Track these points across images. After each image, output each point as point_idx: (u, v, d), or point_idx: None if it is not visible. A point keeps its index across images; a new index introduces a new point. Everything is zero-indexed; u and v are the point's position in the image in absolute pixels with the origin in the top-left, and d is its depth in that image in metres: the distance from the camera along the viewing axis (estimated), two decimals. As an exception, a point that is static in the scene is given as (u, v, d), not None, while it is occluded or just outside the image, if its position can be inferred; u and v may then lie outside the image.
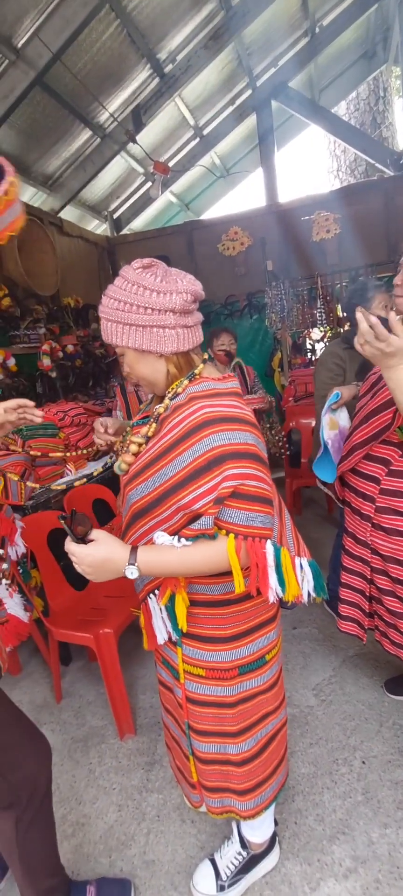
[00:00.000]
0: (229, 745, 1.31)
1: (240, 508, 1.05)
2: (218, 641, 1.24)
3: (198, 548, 1.07)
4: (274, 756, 1.39)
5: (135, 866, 1.66)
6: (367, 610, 1.90)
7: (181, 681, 1.30)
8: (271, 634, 1.31)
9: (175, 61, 4.48)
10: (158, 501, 1.11)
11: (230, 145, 6.50)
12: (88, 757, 2.14)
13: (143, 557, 1.07)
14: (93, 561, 1.07)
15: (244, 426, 1.09)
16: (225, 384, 1.16)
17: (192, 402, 1.10)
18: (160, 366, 1.15)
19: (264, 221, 5.33)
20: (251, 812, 1.36)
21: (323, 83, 6.50)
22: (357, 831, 1.66)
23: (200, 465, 1.05)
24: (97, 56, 3.82)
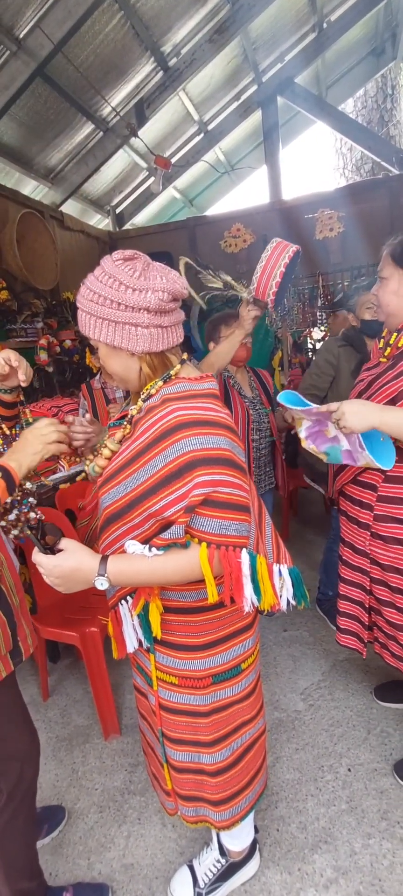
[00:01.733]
0: (203, 754, 1.28)
1: (213, 516, 1.02)
2: (192, 649, 1.21)
3: (169, 557, 1.03)
4: (251, 766, 1.36)
5: (113, 869, 1.64)
6: (367, 622, 1.83)
7: (154, 688, 1.27)
8: (247, 642, 1.28)
9: (179, 55, 4.43)
10: (130, 507, 1.08)
11: (234, 141, 6.44)
12: (72, 756, 2.12)
13: (114, 567, 1.04)
14: (62, 572, 1.04)
15: (218, 430, 1.05)
16: (202, 385, 1.12)
17: (166, 403, 1.07)
18: (132, 364, 1.12)
19: (267, 219, 5.28)
20: (226, 823, 1.33)
21: (330, 80, 6.42)
22: (339, 841, 1.64)
23: (171, 471, 1.02)
24: (100, 48, 3.78)
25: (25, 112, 3.76)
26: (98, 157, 4.60)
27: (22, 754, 1.35)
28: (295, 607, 1.19)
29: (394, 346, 1.60)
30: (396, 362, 1.58)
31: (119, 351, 1.10)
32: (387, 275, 1.60)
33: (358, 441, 1.45)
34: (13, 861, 1.35)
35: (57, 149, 4.37)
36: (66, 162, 4.58)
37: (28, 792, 1.38)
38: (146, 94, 4.47)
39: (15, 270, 3.55)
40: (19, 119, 3.77)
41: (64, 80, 3.77)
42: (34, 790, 1.43)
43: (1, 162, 3.96)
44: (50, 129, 4.11)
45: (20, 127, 3.87)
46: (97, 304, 1.05)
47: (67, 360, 3.91)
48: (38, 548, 1.05)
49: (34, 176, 4.39)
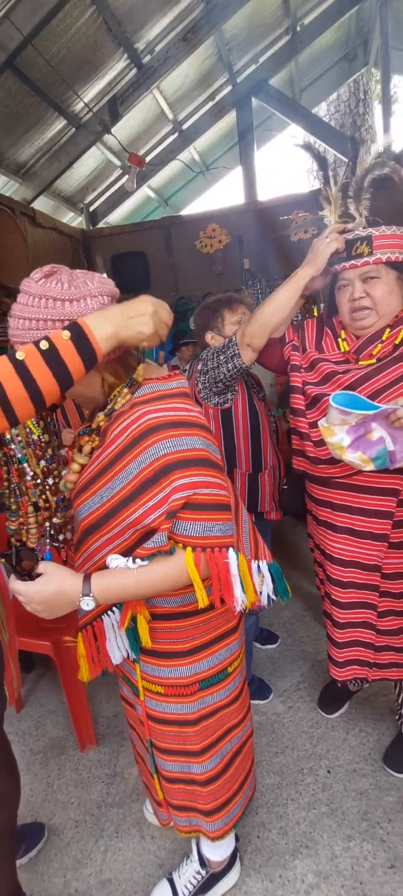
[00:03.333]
0: (193, 764, 1.25)
1: (196, 519, 0.99)
2: (177, 656, 1.18)
3: (155, 566, 1.00)
4: (240, 771, 1.34)
5: (90, 886, 1.59)
6: (375, 642, 1.64)
7: (141, 698, 1.24)
8: (233, 645, 1.25)
9: (153, 52, 4.39)
10: (108, 517, 1.04)
11: (209, 141, 6.44)
12: (47, 770, 2.06)
13: (98, 585, 0.99)
14: (43, 598, 0.98)
15: (191, 430, 1.02)
16: (171, 384, 1.09)
17: (135, 408, 1.03)
18: (93, 379, 1.05)
19: (242, 219, 5.30)
20: (219, 832, 1.31)
21: (303, 83, 6.49)
22: (320, 845, 1.63)
23: (147, 477, 0.98)
24: (71, 42, 3.71)
25: (-6, 105, 3.66)
26: (70, 154, 4.51)
27: (3, 796, 1.29)
28: (276, 604, 1.17)
29: (388, 343, 1.50)
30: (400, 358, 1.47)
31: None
32: (377, 274, 1.47)
33: None
34: None
35: (28, 143, 4.27)
36: (38, 157, 4.48)
37: (7, 828, 1.33)
38: (119, 91, 4.41)
39: (-16, 268, 3.44)
40: (-12, 112, 3.67)
41: (35, 74, 3.69)
42: (14, 825, 1.38)
43: (-31, 156, 3.84)
44: (20, 124, 4.01)
45: (-11, 121, 3.76)
46: (35, 331, 0.95)
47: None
48: (15, 575, 0.98)
49: (4, 171, 4.28)
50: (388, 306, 1.48)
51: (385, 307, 1.47)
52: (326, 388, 1.55)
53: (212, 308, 2.08)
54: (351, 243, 1.46)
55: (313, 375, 1.61)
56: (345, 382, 1.52)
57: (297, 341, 1.67)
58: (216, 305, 2.07)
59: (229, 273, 5.26)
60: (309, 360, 1.63)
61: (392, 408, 1.31)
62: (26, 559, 0.99)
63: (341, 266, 1.49)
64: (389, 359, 1.48)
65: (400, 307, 1.52)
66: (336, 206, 1.54)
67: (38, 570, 0.99)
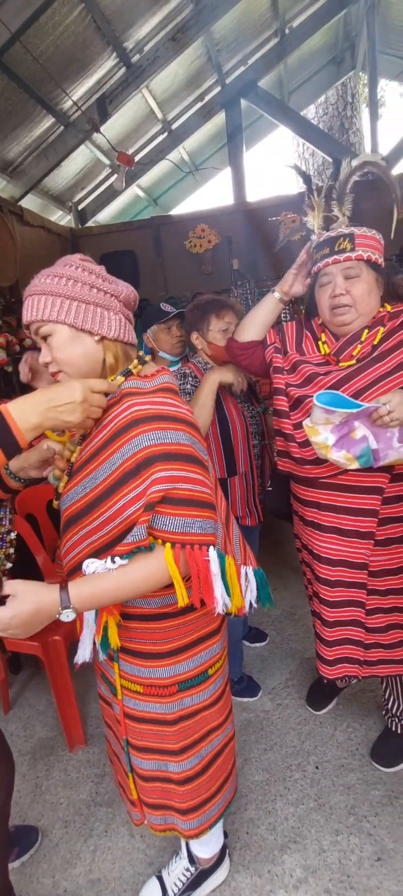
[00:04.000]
0: (170, 763, 1.25)
1: (174, 514, 0.98)
2: (156, 657, 1.18)
3: (135, 566, 0.99)
4: (220, 773, 1.33)
5: (79, 886, 1.59)
6: (364, 639, 1.66)
7: (118, 696, 1.23)
8: (214, 647, 1.25)
9: (142, 51, 4.37)
10: (90, 508, 1.04)
11: (199, 142, 6.44)
12: (35, 771, 2.05)
13: (77, 594, 0.96)
14: (22, 621, 0.93)
15: (177, 425, 1.03)
16: (154, 381, 1.09)
17: (123, 399, 1.04)
18: (97, 352, 1.08)
19: (231, 220, 5.31)
20: (194, 831, 1.30)
21: (292, 85, 6.52)
22: (308, 839, 1.64)
23: (129, 468, 0.98)
24: (60, 40, 3.68)
25: (-19, 102, 3.62)
26: (59, 152, 4.47)
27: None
28: (250, 611, 1.17)
29: (367, 343, 1.53)
30: (383, 356, 1.50)
31: (83, 337, 1.06)
32: (358, 272, 1.50)
33: (398, 434, 1.36)
34: None
35: (15, 141, 4.22)
36: (26, 155, 4.43)
37: (1, 814, 1.32)
38: (108, 89, 4.39)
39: (-29, 266, 3.41)
40: (-25, 109, 3.63)
41: (23, 71, 3.65)
42: (7, 812, 1.38)
43: None
44: (8, 121, 3.97)
45: (-24, 118, 3.72)
46: (64, 286, 1.02)
47: (28, 360, 3.79)
48: None
49: (-9, 169, 4.24)
50: (367, 305, 1.52)
51: (364, 306, 1.51)
52: (308, 389, 1.58)
53: (202, 310, 2.07)
54: (334, 240, 1.50)
55: (295, 377, 1.63)
56: (327, 384, 1.54)
57: (279, 343, 1.71)
58: (205, 307, 2.06)
59: (218, 273, 5.27)
60: (290, 363, 1.65)
61: (373, 406, 1.34)
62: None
63: (324, 262, 1.52)
64: (368, 359, 1.52)
65: (378, 308, 1.57)
66: (319, 212, 1.61)
67: (4, 592, 0.94)
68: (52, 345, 1.06)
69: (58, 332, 1.05)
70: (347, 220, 1.55)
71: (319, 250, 1.54)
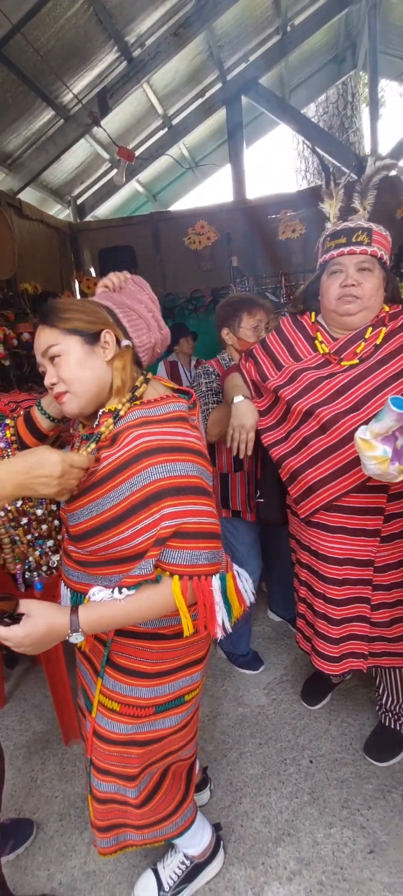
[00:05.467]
0: (128, 788, 1.25)
1: (183, 548, 1.00)
2: (142, 676, 1.18)
3: (142, 595, 1.01)
4: (175, 789, 1.35)
5: (74, 878, 1.60)
6: (370, 634, 1.67)
7: (92, 715, 1.23)
8: (196, 675, 1.26)
9: (143, 46, 4.37)
10: (96, 532, 1.04)
11: (199, 138, 6.43)
12: (31, 764, 2.05)
13: (86, 619, 1.00)
14: (34, 640, 0.97)
15: (186, 455, 1.03)
16: (163, 408, 1.07)
17: (130, 429, 1.03)
18: (106, 375, 1.09)
19: (231, 217, 5.30)
20: (148, 841, 1.33)
21: (293, 83, 6.52)
22: (302, 832, 1.66)
23: (138, 501, 0.99)
24: (61, 33, 3.66)
25: (-19, 94, 3.60)
26: (58, 145, 4.46)
27: None
28: (258, 598, 1.20)
29: (370, 342, 1.54)
30: (388, 359, 1.50)
31: (95, 358, 1.07)
32: (371, 267, 1.52)
33: None
34: None
35: (15, 133, 4.21)
36: (25, 148, 4.42)
37: None
38: (109, 83, 4.38)
39: (-31, 258, 3.40)
40: (-25, 101, 3.61)
41: (23, 63, 3.63)
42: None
43: None
44: (7, 113, 3.95)
45: (-24, 109, 3.70)
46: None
47: (25, 354, 3.77)
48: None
49: (-10, 161, 4.22)
50: (374, 301, 1.53)
51: (371, 301, 1.53)
52: (312, 396, 1.57)
53: (234, 306, 2.11)
54: (352, 231, 1.52)
55: (294, 387, 1.60)
56: (334, 387, 1.54)
57: (267, 366, 1.71)
58: (238, 305, 2.11)
59: (217, 270, 5.26)
60: (288, 375, 1.64)
61: None
62: (4, 603, 0.97)
63: (339, 251, 1.53)
64: (373, 362, 1.51)
65: (382, 306, 1.58)
66: (337, 201, 1.63)
67: (20, 610, 0.98)
68: (65, 364, 1.06)
69: (72, 352, 1.06)
70: (367, 214, 1.58)
71: (335, 238, 1.55)
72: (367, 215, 1.56)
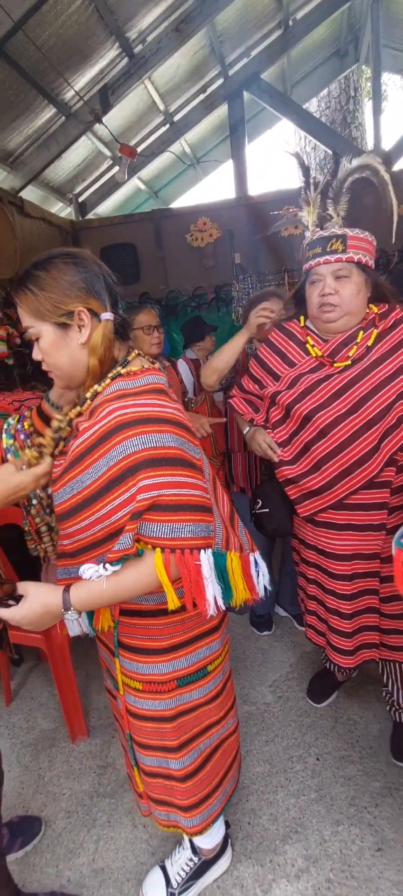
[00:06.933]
0: (171, 760, 1.26)
1: (162, 520, 0.98)
2: (155, 653, 1.19)
3: (127, 571, 1.01)
4: (220, 767, 1.35)
5: (83, 875, 1.60)
6: (379, 624, 1.70)
7: (120, 692, 1.25)
8: (214, 644, 1.26)
9: (145, 42, 4.34)
10: (76, 510, 1.04)
11: (200, 134, 6.40)
12: (38, 762, 2.06)
13: (77, 597, 1.03)
14: (32, 619, 1.03)
15: (163, 426, 1.00)
16: (139, 381, 1.06)
17: (105, 404, 1.02)
18: (81, 358, 1.07)
19: (233, 213, 5.28)
20: (197, 828, 1.33)
21: (295, 78, 6.48)
22: (309, 830, 1.66)
23: (115, 475, 0.98)
24: (62, 29, 3.65)
25: (-17, 92, 3.59)
26: (60, 143, 4.44)
27: None
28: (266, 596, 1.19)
29: (362, 344, 1.56)
30: (381, 360, 1.52)
31: (68, 341, 1.05)
32: (348, 273, 1.53)
33: None
34: None
35: (16, 132, 4.19)
36: (26, 146, 4.40)
37: None
38: (110, 80, 4.36)
39: (-29, 257, 3.39)
40: (-24, 99, 3.60)
41: (25, 61, 3.62)
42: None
43: None
44: (8, 111, 3.94)
45: (-23, 107, 3.69)
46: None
47: (28, 353, 3.77)
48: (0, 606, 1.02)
49: (-9, 159, 4.21)
50: (354, 306, 1.56)
51: (351, 306, 1.55)
52: (310, 400, 1.59)
53: (252, 302, 2.31)
54: (327, 240, 1.53)
55: (291, 392, 1.63)
56: (332, 390, 1.57)
57: (263, 378, 1.78)
58: (254, 299, 2.33)
59: (220, 267, 5.25)
60: (287, 381, 1.67)
61: None
62: (3, 586, 1.03)
63: (315, 261, 1.56)
64: (369, 363, 1.54)
65: (366, 308, 1.60)
66: (314, 208, 1.64)
67: (19, 592, 1.03)
68: (41, 347, 1.08)
69: (45, 335, 1.06)
70: (341, 220, 1.58)
71: (312, 248, 1.57)
72: (341, 221, 1.57)
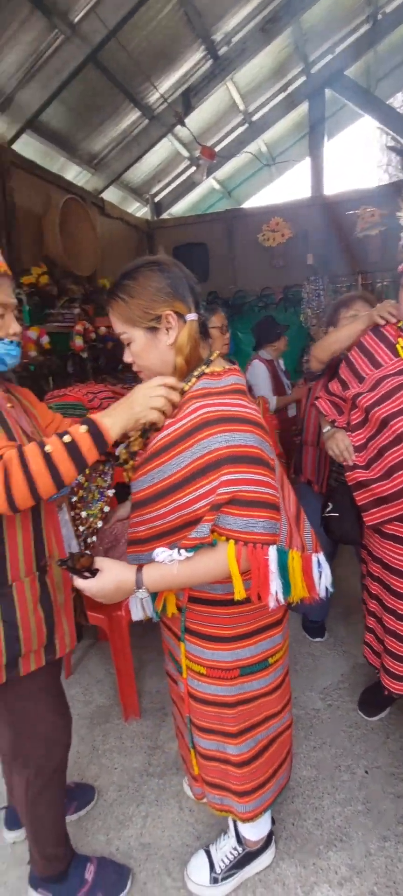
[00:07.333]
0: (229, 745, 1.31)
1: (239, 515, 1.04)
2: (220, 641, 1.24)
3: (199, 558, 1.07)
4: (275, 758, 1.38)
5: (131, 847, 1.69)
6: None
7: (184, 676, 1.31)
8: (276, 637, 1.30)
9: (230, 43, 4.39)
10: (157, 497, 1.11)
11: (278, 133, 6.37)
12: (93, 734, 2.19)
13: (149, 577, 1.10)
14: (107, 592, 1.10)
15: (245, 426, 1.07)
16: (224, 381, 1.13)
17: (191, 401, 1.09)
18: (169, 358, 1.15)
19: (307, 213, 5.23)
20: (250, 814, 1.36)
21: (380, 73, 6.25)
22: (355, 840, 1.65)
23: (197, 468, 1.04)
24: (152, 35, 3.77)
25: (75, 97, 3.79)
26: (142, 145, 4.62)
27: (49, 737, 1.40)
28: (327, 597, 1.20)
29: None
30: None
31: (157, 343, 1.13)
32: None
33: None
34: (41, 828, 1.43)
35: (102, 135, 4.40)
36: (110, 148, 4.61)
37: (56, 770, 1.44)
38: (194, 82, 4.46)
39: (56, 256, 3.61)
40: (68, 103, 3.81)
41: (114, 66, 3.78)
42: (63, 768, 1.49)
43: (48, 146, 4.02)
44: (97, 115, 4.14)
45: (69, 112, 3.91)
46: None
47: (102, 347, 3.96)
48: (76, 576, 1.10)
49: (78, 161, 4.44)
50: None
51: None
52: (390, 405, 1.57)
53: (335, 306, 2.32)
54: None
55: (374, 394, 1.61)
56: None
57: (349, 380, 1.75)
58: (337, 304, 2.32)
59: (290, 268, 5.22)
60: (370, 383, 1.65)
61: None
62: (83, 559, 1.11)
63: None
64: None
65: None
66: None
67: (95, 566, 1.11)
68: (133, 351, 1.18)
69: (136, 339, 1.16)
70: None
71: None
72: None
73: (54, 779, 1.43)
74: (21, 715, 1.34)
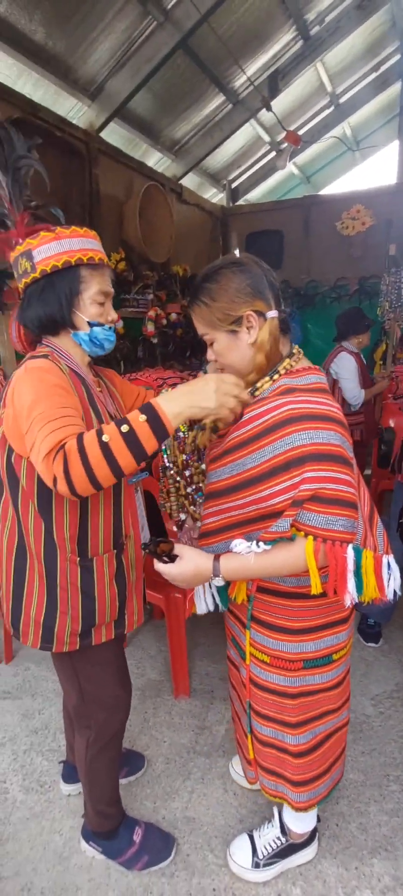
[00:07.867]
0: (287, 734, 1.34)
1: (320, 512, 1.05)
2: (286, 632, 1.26)
3: (277, 551, 1.09)
4: (331, 753, 1.40)
5: (176, 818, 1.77)
6: None
7: (246, 662, 1.35)
8: (341, 635, 1.30)
9: (323, 23, 4.25)
10: (234, 489, 1.15)
11: (365, 116, 6.10)
12: (144, 706, 2.29)
13: (226, 567, 1.14)
14: (185, 577, 1.16)
15: (329, 424, 1.07)
16: (304, 379, 1.14)
17: (275, 396, 1.11)
18: (248, 355, 1.17)
19: (392, 201, 4.98)
20: (304, 804, 1.39)
21: None
22: (400, 851, 1.62)
23: (279, 463, 1.06)
24: (243, 17, 3.73)
25: (162, 84, 3.84)
26: (224, 130, 4.61)
27: (111, 705, 1.49)
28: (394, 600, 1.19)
29: None
30: None
31: (239, 343, 1.16)
32: None
33: None
34: (96, 787, 1.54)
35: (185, 121, 4.43)
36: (192, 135, 4.63)
37: (114, 736, 1.53)
38: (282, 64, 4.37)
39: (134, 242, 3.71)
40: (155, 91, 3.87)
41: (203, 52, 3.78)
42: (121, 736, 1.58)
43: (132, 133, 4.11)
44: (182, 102, 4.17)
45: (155, 99, 3.97)
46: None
47: (171, 334, 4.03)
48: (157, 559, 1.16)
49: (160, 148, 4.51)
50: None
51: None
52: None
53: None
54: None
55: None
56: None
57: None
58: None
59: (368, 258, 5.01)
60: None
61: None
62: (163, 544, 1.18)
63: None
64: None
65: None
66: None
67: (175, 552, 1.17)
68: (215, 350, 1.20)
69: (219, 340, 1.18)
70: None
71: None
72: None
73: (112, 744, 1.52)
74: (89, 681, 1.43)
